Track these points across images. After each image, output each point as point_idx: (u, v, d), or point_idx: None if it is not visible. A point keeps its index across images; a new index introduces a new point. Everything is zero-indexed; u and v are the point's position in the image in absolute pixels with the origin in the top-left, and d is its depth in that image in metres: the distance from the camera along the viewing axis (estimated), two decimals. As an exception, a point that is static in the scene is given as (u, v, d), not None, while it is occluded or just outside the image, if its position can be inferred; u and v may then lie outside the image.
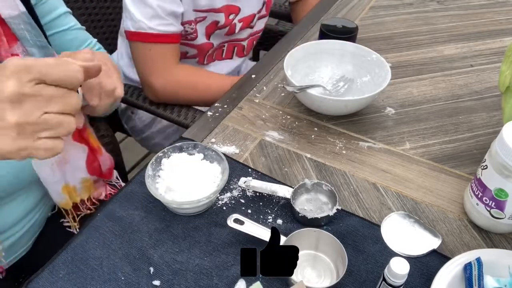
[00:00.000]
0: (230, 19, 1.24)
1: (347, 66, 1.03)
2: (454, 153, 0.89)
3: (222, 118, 0.96)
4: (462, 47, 1.20)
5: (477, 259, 0.65)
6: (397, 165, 0.86)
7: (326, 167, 0.85)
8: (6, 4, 0.72)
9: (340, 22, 1.11)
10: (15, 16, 0.73)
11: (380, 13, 1.34)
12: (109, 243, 0.72)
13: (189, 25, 1.18)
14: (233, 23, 1.26)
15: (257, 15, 1.31)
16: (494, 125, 0.95)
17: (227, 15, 1.22)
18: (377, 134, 0.93)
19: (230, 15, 1.23)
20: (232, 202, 0.78)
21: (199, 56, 1.30)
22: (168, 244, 0.72)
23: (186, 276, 0.68)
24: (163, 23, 1.09)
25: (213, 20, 1.21)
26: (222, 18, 1.22)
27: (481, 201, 0.72)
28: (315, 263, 0.70)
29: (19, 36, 0.74)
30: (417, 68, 1.12)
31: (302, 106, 0.98)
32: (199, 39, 1.23)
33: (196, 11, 1.17)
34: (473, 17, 1.32)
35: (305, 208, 0.77)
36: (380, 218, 0.76)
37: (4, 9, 0.71)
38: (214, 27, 1.23)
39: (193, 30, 1.20)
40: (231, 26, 1.26)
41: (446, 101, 1.02)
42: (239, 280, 0.67)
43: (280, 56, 1.14)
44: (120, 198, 0.79)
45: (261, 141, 0.90)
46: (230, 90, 1.04)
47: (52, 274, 0.68)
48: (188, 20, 1.17)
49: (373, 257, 0.71)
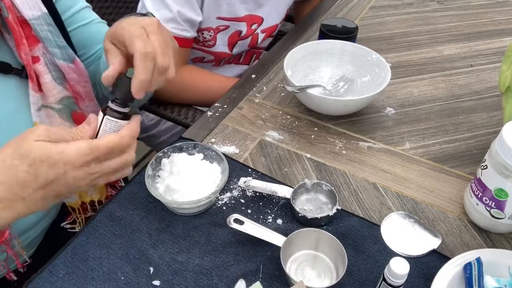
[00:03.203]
0: (252, 29, 1.23)
1: (347, 66, 1.03)
2: (454, 153, 0.89)
3: (222, 118, 0.96)
4: (462, 47, 1.20)
5: (477, 259, 0.65)
6: (397, 165, 0.86)
7: (326, 167, 0.85)
8: (29, 5, 0.72)
9: (340, 22, 1.11)
10: (38, 16, 0.73)
11: (380, 13, 1.34)
12: (109, 243, 0.72)
13: (208, 32, 1.18)
14: (256, 33, 1.25)
15: (279, 25, 1.31)
16: (494, 125, 0.95)
17: (249, 25, 1.21)
18: (377, 134, 0.93)
19: (253, 25, 1.22)
20: (232, 202, 0.78)
21: (215, 61, 1.30)
22: (168, 244, 0.72)
23: (186, 276, 0.68)
24: (179, 28, 1.09)
25: (236, 30, 1.21)
26: (244, 27, 1.21)
27: (481, 201, 0.72)
28: (315, 263, 0.70)
29: (42, 37, 0.74)
30: (417, 68, 1.12)
31: (302, 106, 0.98)
32: (217, 47, 1.23)
33: (219, 19, 1.16)
34: (473, 17, 1.32)
35: (305, 208, 0.77)
36: (380, 218, 0.76)
37: (28, 10, 0.71)
38: (236, 37, 1.22)
39: (211, 37, 1.19)
40: (253, 37, 1.25)
41: (446, 101, 1.02)
42: (239, 280, 0.67)
43: (280, 56, 1.14)
44: (120, 198, 0.79)
45: (261, 141, 0.90)
46: (230, 90, 1.04)
47: (52, 274, 0.68)
48: (209, 27, 1.17)
49: (373, 257, 0.71)
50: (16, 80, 0.73)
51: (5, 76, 0.71)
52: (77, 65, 0.80)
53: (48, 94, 0.76)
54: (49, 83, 0.75)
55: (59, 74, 0.77)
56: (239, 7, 1.17)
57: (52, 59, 0.76)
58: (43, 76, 0.74)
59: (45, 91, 0.75)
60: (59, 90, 0.77)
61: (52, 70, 0.76)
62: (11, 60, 0.73)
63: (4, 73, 0.71)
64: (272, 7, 1.25)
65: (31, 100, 0.74)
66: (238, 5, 1.17)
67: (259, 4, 1.21)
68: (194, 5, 1.08)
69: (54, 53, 0.76)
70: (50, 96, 0.76)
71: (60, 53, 0.76)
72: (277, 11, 1.28)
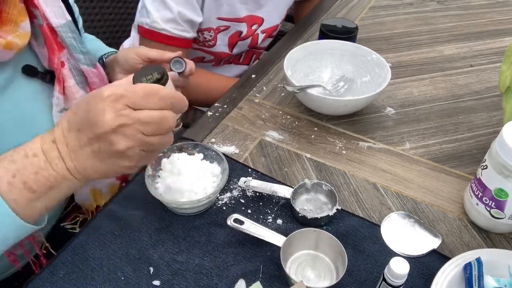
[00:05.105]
0: (253, 30, 1.23)
1: (347, 66, 1.03)
2: (454, 153, 0.89)
3: (222, 118, 0.96)
4: (462, 47, 1.20)
5: (477, 259, 0.65)
6: (397, 165, 0.86)
7: (326, 167, 0.85)
8: (56, 14, 0.75)
9: (340, 22, 1.11)
10: (63, 24, 0.76)
11: (380, 13, 1.34)
12: (109, 243, 0.72)
13: (208, 32, 1.18)
14: (256, 34, 1.25)
15: (280, 25, 1.31)
16: (494, 125, 0.95)
17: (249, 25, 1.21)
18: (377, 134, 0.93)
19: (253, 25, 1.22)
20: (232, 202, 0.78)
21: (215, 61, 1.30)
22: (168, 244, 0.72)
23: (186, 276, 0.68)
24: (178, 28, 1.09)
25: (236, 30, 1.21)
26: (244, 28, 1.21)
27: (481, 201, 0.72)
28: (315, 263, 0.70)
29: (67, 43, 0.77)
30: (417, 68, 1.12)
31: (302, 106, 0.98)
32: (217, 47, 1.22)
33: (220, 20, 1.16)
34: (473, 17, 1.32)
35: (305, 208, 0.77)
36: (380, 218, 0.76)
37: (54, 18, 0.75)
38: (237, 37, 1.22)
39: (211, 37, 1.19)
40: (254, 37, 1.25)
41: (446, 101, 1.02)
42: (239, 280, 0.67)
43: (280, 56, 1.14)
44: (120, 198, 0.79)
45: (261, 141, 0.90)
46: (230, 90, 1.04)
47: (52, 274, 0.68)
48: (209, 27, 1.16)
49: (373, 257, 0.71)
50: (40, 84, 0.76)
51: (30, 79, 0.74)
52: (98, 70, 0.83)
53: (71, 98, 0.79)
54: (72, 87, 0.79)
55: (82, 79, 0.81)
56: (240, 8, 1.17)
57: (76, 64, 0.79)
58: (67, 80, 0.78)
59: (68, 95, 0.79)
60: (82, 94, 0.80)
61: (76, 74, 0.79)
62: (37, 65, 0.76)
63: (30, 76, 0.74)
64: (272, 8, 1.25)
65: (54, 102, 0.76)
66: (238, 6, 1.16)
67: (260, 4, 1.21)
68: (194, 5, 1.08)
69: (78, 59, 0.79)
70: (73, 100, 0.79)
71: (83, 59, 0.80)
72: (278, 11, 1.28)
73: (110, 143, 0.53)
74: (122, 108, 0.53)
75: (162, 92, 0.55)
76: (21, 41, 0.68)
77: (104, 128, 0.52)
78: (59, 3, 0.76)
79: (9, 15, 0.67)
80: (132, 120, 0.53)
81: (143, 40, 1.13)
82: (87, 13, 1.31)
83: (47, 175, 0.55)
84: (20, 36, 0.68)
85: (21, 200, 0.55)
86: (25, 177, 0.55)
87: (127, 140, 0.53)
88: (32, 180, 0.55)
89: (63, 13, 0.77)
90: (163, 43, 1.10)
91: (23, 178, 0.55)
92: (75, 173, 0.56)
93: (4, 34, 0.66)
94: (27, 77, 0.74)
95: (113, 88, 0.54)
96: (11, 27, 0.68)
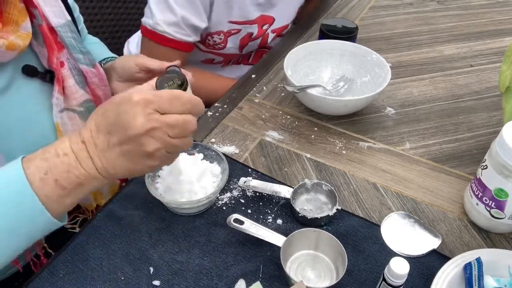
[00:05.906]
0: (263, 30, 1.22)
1: (347, 66, 1.03)
2: (454, 153, 0.89)
3: (222, 118, 0.96)
4: (462, 47, 1.20)
5: (477, 259, 0.65)
6: (397, 165, 0.86)
7: (326, 167, 0.85)
8: (55, 13, 0.76)
9: (340, 22, 1.11)
10: (63, 24, 0.77)
11: (380, 13, 1.34)
12: (109, 243, 0.72)
13: (218, 35, 1.17)
14: (266, 34, 1.24)
15: (290, 25, 1.31)
16: (494, 125, 0.95)
17: (260, 25, 1.20)
18: (377, 134, 0.93)
19: (264, 25, 1.21)
20: (232, 202, 0.78)
21: (224, 62, 1.29)
22: (168, 244, 0.72)
23: (186, 276, 0.68)
24: (181, 32, 1.07)
25: (247, 32, 1.20)
26: (255, 29, 1.20)
27: (481, 201, 0.72)
28: (315, 263, 0.70)
29: (67, 43, 0.77)
30: (417, 68, 1.12)
31: (302, 106, 0.98)
32: (227, 49, 1.22)
33: (231, 23, 1.15)
34: (473, 17, 1.32)
35: (305, 208, 0.77)
36: (380, 218, 0.76)
37: (54, 18, 0.75)
38: (247, 39, 1.22)
39: (221, 40, 1.18)
40: (264, 37, 1.25)
41: (446, 101, 1.02)
42: (239, 280, 0.67)
43: (280, 56, 1.14)
44: (120, 198, 0.79)
45: (261, 141, 0.90)
46: (230, 90, 1.04)
47: (52, 274, 0.68)
48: (219, 30, 1.16)
49: (373, 257, 0.71)
50: (39, 84, 0.76)
51: (31, 79, 0.74)
52: (98, 69, 0.83)
53: (70, 97, 0.79)
54: (72, 87, 0.79)
55: (82, 78, 0.81)
56: (251, 10, 1.16)
57: (75, 64, 0.80)
58: (67, 80, 0.78)
59: (68, 94, 0.79)
60: (81, 93, 0.81)
61: (75, 74, 0.80)
62: (37, 65, 0.76)
63: (30, 76, 0.74)
64: (285, 7, 1.24)
65: (54, 102, 0.76)
66: (250, 8, 1.15)
67: (272, 4, 1.20)
68: (200, 12, 1.07)
69: (78, 59, 0.80)
70: (73, 99, 0.79)
71: (83, 58, 0.80)
72: (289, 10, 1.27)
73: (141, 144, 0.56)
74: (152, 112, 0.56)
75: (185, 97, 0.58)
76: (23, 41, 0.68)
77: (137, 130, 0.55)
78: (59, 3, 0.76)
79: (10, 15, 0.68)
80: (161, 124, 0.56)
81: (144, 39, 1.13)
82: (87, 13, 1.31)
83: (77, 174, 0.58)
84: (21, 36, 0.69)
85: (52, 196, 0.57)
86: (57, 175, 0.57)
87: (155, 142, 0.56)
88: (63, 178, 0.57)
89: (62, 13, 0.77)
90: (163, 45, 1.10)
91: (55, 176, 0.57)
92: (103, 172, 0.59)
93: (6, 34, 0.66)
94: (27, 77, 0.74)
95: (142, 94, 0.57)
96: (13, 28, 0.68)
